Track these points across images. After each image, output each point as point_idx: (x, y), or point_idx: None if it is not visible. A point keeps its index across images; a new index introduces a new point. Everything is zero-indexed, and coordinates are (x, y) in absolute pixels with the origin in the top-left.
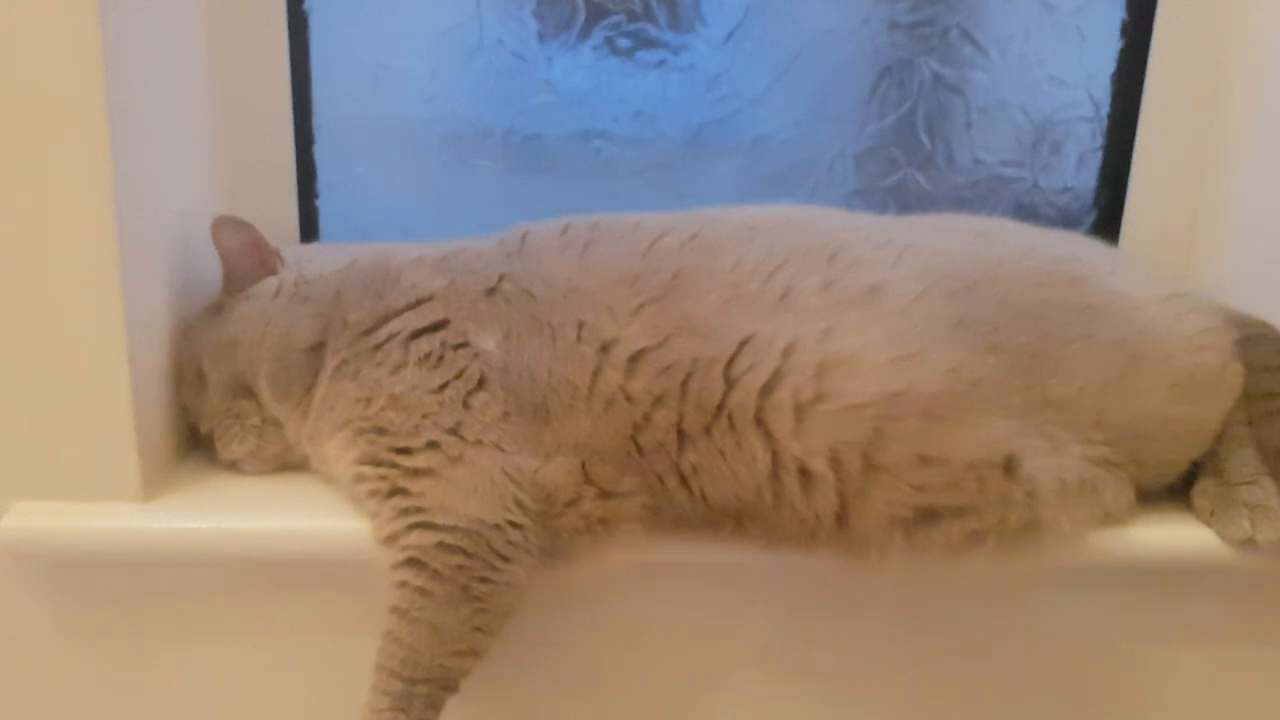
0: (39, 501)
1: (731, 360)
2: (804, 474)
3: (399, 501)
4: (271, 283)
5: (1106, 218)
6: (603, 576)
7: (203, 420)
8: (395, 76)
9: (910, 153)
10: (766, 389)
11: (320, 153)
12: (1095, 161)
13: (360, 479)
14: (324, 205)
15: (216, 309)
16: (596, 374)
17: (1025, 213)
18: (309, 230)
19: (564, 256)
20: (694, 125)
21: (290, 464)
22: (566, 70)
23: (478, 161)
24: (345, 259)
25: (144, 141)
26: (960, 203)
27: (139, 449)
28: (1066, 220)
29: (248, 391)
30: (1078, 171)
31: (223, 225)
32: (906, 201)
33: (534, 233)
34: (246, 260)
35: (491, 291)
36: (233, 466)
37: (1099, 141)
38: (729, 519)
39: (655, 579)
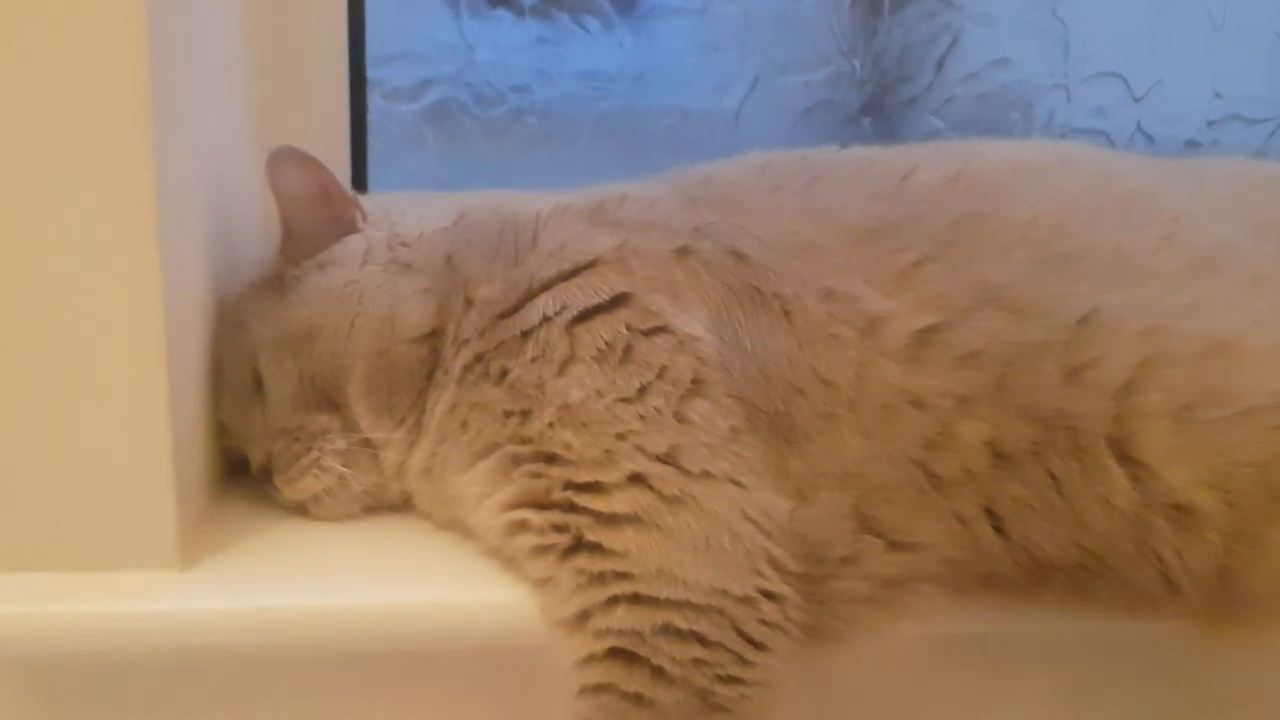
0: (20, 575)
1: (1069, 346)
2: (1180, 511)
3: (589, 562)
4: (356, 244)
5: None
6: (878, 660)
7: (254, 444)
8: None
9: None
10: (1128, 388)
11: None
12: None
13: (519, 528)
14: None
15: (274, 283)
16: (864, 367)
17: None
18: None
19: (778, 201)
20: None
21: (378, 505)
22: None
23: None
24: (449, 211)
25: (177, 46)
26: None
27: (176, 488)
28: None
29: (328, 402)
30: None
31: (285, 160)
32: None
33: (720, 173)
34: (315, 211)
35: (683, 252)
36: (299, 510)
37: None
38: (1060, 576)
39: (953, 660)
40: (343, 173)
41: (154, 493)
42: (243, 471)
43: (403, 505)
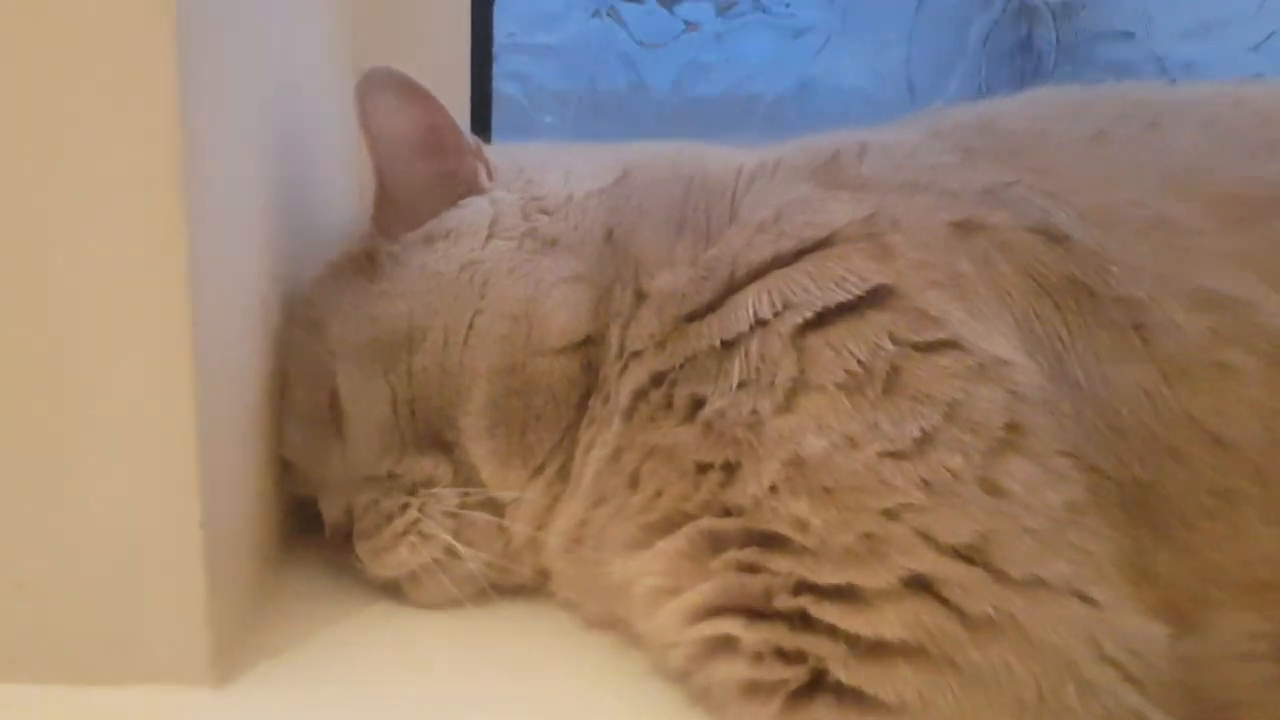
0: (12, 687)
1: None
2: None
3: (833, 717)
4: (478, 210)
5: None
6: None
7: (329, 494)
8: None
9: None
10: None
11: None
12: None
13: (720, 648)
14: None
15: (362, 265)
16: (1277, 416)
17: None
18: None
19: (1105, 156)
20: None
21: (499, 588)
22: None
23: None
24: (606, 168)
25: None
26: None
27: (207, 574)
28: None
29: (435, 439)
30: None
31: (380, 87)
32: None
33: (1002, 114)
34: (421, 162)
35: (967, 227)
36: (388, 590)
37: None
38: None
39: None
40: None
41: (178, 581)
42: (312, 529)
43: (534, 590)
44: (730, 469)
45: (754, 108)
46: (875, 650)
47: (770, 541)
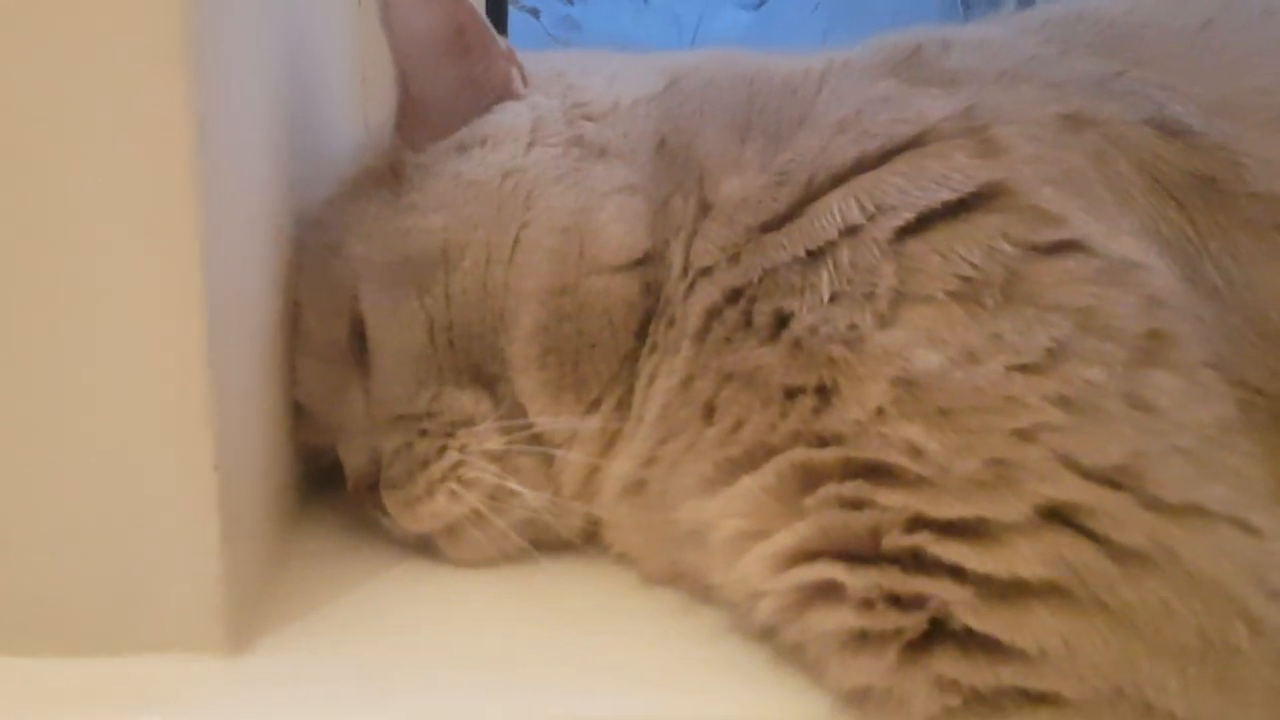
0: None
1: None
2: None
3: (965, 670)
4: (516, 115)
5: None
6: None
7: (351, 440)
8: None
9: None
10: None
11: None
12: None
13: (819, 597)
14: None
15: (386, 177)
16: None
17: None
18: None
19: (1218, 44)
20: None
21: (547, 540)
22: None
23: None
24: (653, 74)
25: None
26: None
27: (221, 530)
28: None
29: (476, 371)
30: None
31: None
32: None
33: (1096, 5)
34: (449, 64)
35: (1077, 121)
36: (422, 547)
37: None
38: None
39: None
40: None
41: (189, 533)
42: (331, 484)
43: (584, 541)
44: (825, 393)
45: None
46: (1009, 591)
47: (877, 473)
